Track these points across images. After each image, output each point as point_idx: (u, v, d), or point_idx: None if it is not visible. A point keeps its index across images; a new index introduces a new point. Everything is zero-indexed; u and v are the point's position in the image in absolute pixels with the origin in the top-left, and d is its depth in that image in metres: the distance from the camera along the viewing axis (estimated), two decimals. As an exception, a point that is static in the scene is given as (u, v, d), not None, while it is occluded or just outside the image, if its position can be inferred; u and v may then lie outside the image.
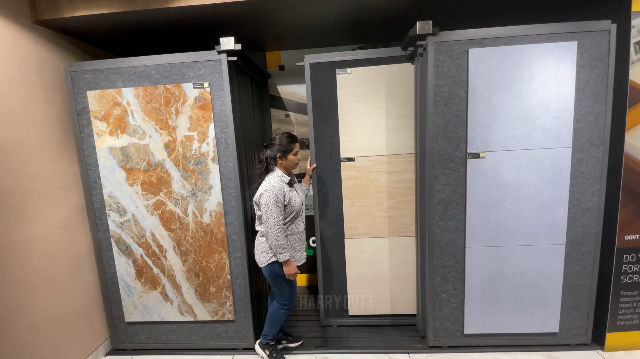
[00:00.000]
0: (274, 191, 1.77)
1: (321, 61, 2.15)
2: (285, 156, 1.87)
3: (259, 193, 1.81)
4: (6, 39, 1.71)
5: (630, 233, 1.94)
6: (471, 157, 1.91)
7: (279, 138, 1.88)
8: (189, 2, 1.81)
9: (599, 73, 1.83)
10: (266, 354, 2.10)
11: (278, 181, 1.82)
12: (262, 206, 1.79)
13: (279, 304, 2.00)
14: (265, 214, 1.77)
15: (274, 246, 1.80)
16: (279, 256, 1.82)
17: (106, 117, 2.00)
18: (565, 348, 2.07)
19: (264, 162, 1.88)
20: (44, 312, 1.83)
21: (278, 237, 1.78)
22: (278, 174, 1.86)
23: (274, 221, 1.77)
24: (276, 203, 1.76)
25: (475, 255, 2.00)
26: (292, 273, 1.86)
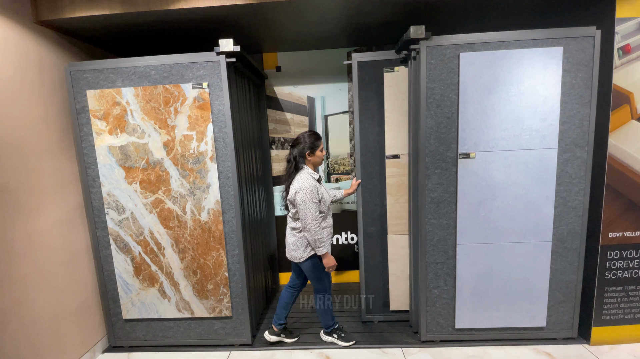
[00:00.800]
0: (309, 189, 1.86)
1: (369, 59, 2.16)
2: (313, 152, 1.97)
3: (294, 191, 1.90)
4: (7, 39, 1.74)
5: (614, 231, 2.02)
6: (462, 157, 1.97)
7: (305, 136, 1.98)
8: (189, 4, 1.86)
9: (584, 77, 1.91)
10: (335, 338, 2.22)
11: (310, 178, 1.92)
12: (298, 204, 1.88)
13: (320, 295, 2.12)
14: (304, 210, 1.87)
15: (313, 241, 1.90)
16: (317, 250, 1.92)
17: (106, 116, 2.03)
18: (552, 342, 2.15)
19: (292, 161, 1.97)
20: (43, 308, 1.86)
21: (317, 232, 1.88)
22: (308, 172, 1.96)
23: (312, 216, 1.86)
24: (312, 199, 1.87)
25: (465, 251, 2.06)
26: (332, 265, 1.98)
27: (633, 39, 1.87)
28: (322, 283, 2.10)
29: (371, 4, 1.96)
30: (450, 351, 2.12)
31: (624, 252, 2.03)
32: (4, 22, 1.72)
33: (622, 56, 1.88)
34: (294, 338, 2.29)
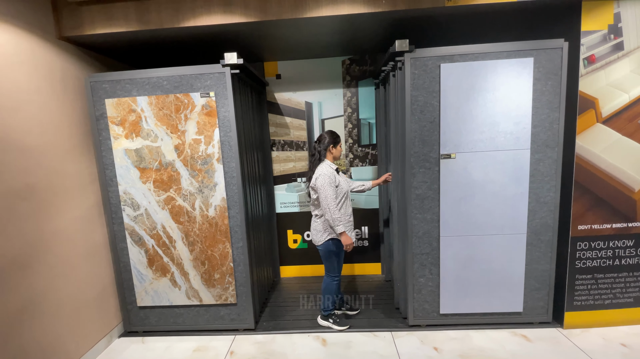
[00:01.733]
0: (328, 174, 2.17)
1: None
2: (335, 146, 2.30)
3: (315, 178, 2.20)
4: (35, 53, 1.96)
5: (582, 224, 2.22)
6: (444, 157, 2.18)
7: (328, 134, 2.31)
8: (198, 22, 2.08)
9: (553, 84, 2.12)
10: (330, 322, 2.45)
11: (328, 167, 2.23)
12: (318, 188, 2.17)
13: (329, 277, 2.37)
14: (323, 193, 2.14)
15: (332, 220, 2.15)
16: (336, 229, 2.16)
17: (122, 122, 2.25)
18: (529, 326, 2.35)
19: (317, 154, 2.27)
20: (67, 296, 2.07)
21: (335, 211, 2.14)
22: (327, 163, 2.27)
23: (330, 197, 2.13)
24: (330, 183, 2.15)
25: (448, 243, 2.27)
26: (349, 243, 2.20)
27: (597, 50, 2.08)
28: (333, 267, 2.34)
29: (362, 20, 2.17)
30: (436, 334, 2.32)
31: (592, 243, 2.23)
32: (32, 39, 1.94)
33: (588, 65, 2.09)
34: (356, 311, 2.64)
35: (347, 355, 2.16)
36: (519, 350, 2.12)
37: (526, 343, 2.19)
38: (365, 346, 2.24)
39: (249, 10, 2.06)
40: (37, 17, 1.98)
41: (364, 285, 3.19)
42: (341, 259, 2.37)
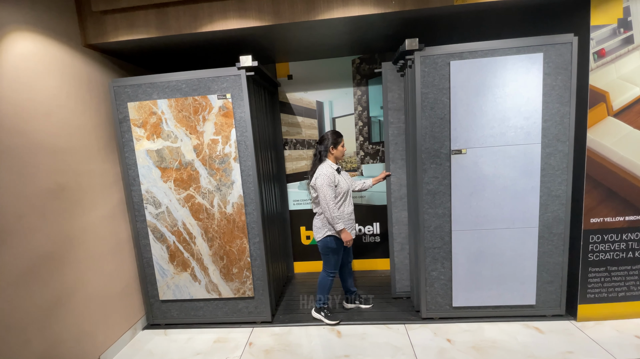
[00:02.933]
0: (327, 174, 2.23)
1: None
2: (336, 147, 2.34)
3: (315, 177, 2.28)
4: (63, 61, 2.08)
5: (595, 217, 2.23)
6: (454, 153, 2.23)
7: (329, 134, 2.35)
8: (214, 27, 2.17)
9: (563, 79, 2.14)
10: (322, 315, 2.54)
11: (328, 167, 2.29)
12: (318, 187, 2.25)
13: (325, 273, 2.45)
14: (322, 193, 2.22)
15: (331, 218, 2.23)
16: (335, 226, 2.25)
17: (144, 124, 2.36)
18: (542, 319, 2.37)
19: (318, 155, 2.35)
20: (95, 289, 2.19)
21: (333, 210, 2.22)
22: (328, 163, 2.33)
23: (329, 197, 2.21)
24: (329, 183, 2.22)
25: (460, 237, 2.31)
26: (349, 239, 2.30)
27: (607, 44, 2.09)
28: (330, 263, 2.42)
29: (372, 20, 2.23)
30: (448, 327, 2.37)
31: (605, 236, 2.24)
32: (60, 47, 2.06)
33: (598, 59, 2.10)
34: (369, 305, 2.71)
35: (361, 346, 2.22)
36: (532, 341, 2.15)
37: (539, 334, 2.22)
38: (379, 337, 2.30)
39: (263, 14, 2.15)
40: (64, 27, 2.10)
41: (374, 279, 3.26)
42: (339, 256, 2.43)
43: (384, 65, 2.51)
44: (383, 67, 2.52)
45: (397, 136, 2.57)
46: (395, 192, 2.62)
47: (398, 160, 2.59)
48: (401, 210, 2.64)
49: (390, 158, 2.59)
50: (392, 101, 2.54)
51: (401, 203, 2.64)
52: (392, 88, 2.53)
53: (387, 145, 2.59)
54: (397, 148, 2.58)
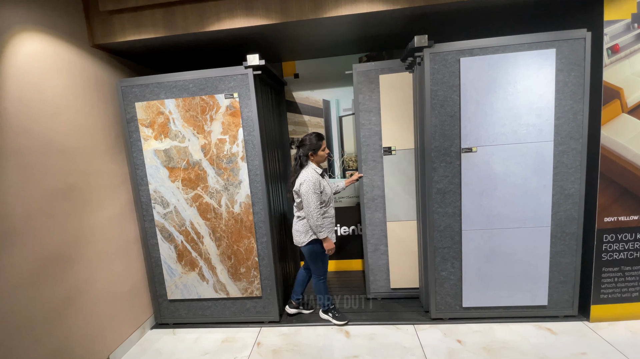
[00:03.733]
0: (312, 181, 2.16)
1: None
2: (315, 152, 2.26)
3: (299, 183, 2.20)
4: (72, 61, 2.08)
5: (608, 216, 2.19)
6: (464, 151, 2.19)
7: (309, 138, 2.27)
8: (221, 26, 2.16)
9: (577, 75, 2.10)
10: (330, 316, 2.51)
11: (313, 172, 2.21)
12: (302, 194, 2.17)
13: (316, 277, 2.42)
14: (306, 200, 2.15)
15: (315, 226, 2.18)
16: (319, 235, 2.20)
17: (151, 124, 2.36)
18: (554, 319, 2.34)
19: (298, 159, 2.27)
20: (104, 288, 2.20)
21: (318, 218, 2.16)
22: (312, 167, 2.25)
23: (314, 205, 2.15)
24: (314, 190, 2.15)
25: (470, 237, 2.28)
26: (331, 248, 2.27)
27: (621, 39, 2.04)
28: (319, 267, 2.38)
29: (380, 18, 2.20)
30: (458, 327, 2.34)
31: (619, 235, 2.20)
32: (68, 48, 2.06)
33: (611, 55, 2.06)
34: (310, 310, 2.65)
35: (370, 347, 2.20)
36: (544, 343, 2.12)
37: (551, 336, 2.19)
38: (389, 338, 2.28)
39: (270, 13, 2.13)
40: (72, 27, 2.10)
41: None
42: (326, 259, 2.40)
43: (354, 67, 2.49)
44: (354, 68, 2.49)
45: (369, 137, 2.55)
46: (367, 193, 2.61)
47: (370, 162, 2.57)
48: (374, 211, 2.62)
49: (362, 159, 2.57)
50: (363, 102, 2.52)
51: (374, 204, 2.62)
52: (362, 89, 2.50)
53: (358, 147, 2.56)
54: (368, 149, 2.56)
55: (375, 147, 2.55)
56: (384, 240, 2.66)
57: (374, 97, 2.50)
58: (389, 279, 2.71)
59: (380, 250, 2.68)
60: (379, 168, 2.57)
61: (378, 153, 2.55)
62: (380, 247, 2.67)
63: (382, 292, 2.75)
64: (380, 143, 2.54)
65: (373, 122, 2.53)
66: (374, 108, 2.51)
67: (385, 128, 2.51)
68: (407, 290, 2.73)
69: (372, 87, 2.49)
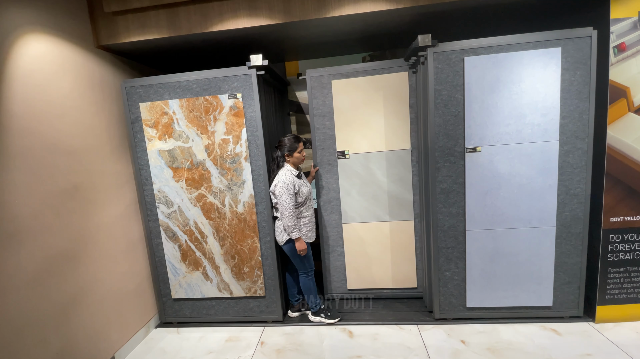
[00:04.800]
0: (286, 183, 2.19)
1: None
2: (291, 154, 2.29)
3: (274, 184, 2.24)
4: (77, 62, 2.10)
5: (615, 216, 2.17)
6: (469, 151, 2.18)
7: (286, 139, 2.30)
8: (225, 26, 2.16)
9: (582, 74, 2.07)
10: (322, 317, 2.51)
11: (288, 174, 2.24)
12: (277, 195, 2.22)
13: (304, 275, 2.42)
14: (280, 200, 2.20)
15: (288, 227, 2.22)
16: (291, 234, 2.24)
17: (155, 124, 2.37)
18: (559, 320, 2.32)
19: (275, 159, 2.32)
20: (110, 287, 2.21)
21: (290, 219, 2.20)
22: (288, 169, 2.28)
23: (286, 206, 2.19)
24: (287, 191, 2.19)
25: (474, 237, 2.27)
26: (302, 249, 2.29)
27: (627, 38, 2.02)
28: (303, 264, 2.40)
29: (383, 17, 2.20)
30: (462, 328, 2.33)
31: (625, 236, 2.18)
32: (73, 49, 2.08)
33: (618, 54, 2.04)
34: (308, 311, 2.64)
35: (373, 347, 2.20)
36: (549, 344, 2.11)
37: (556, 337, 2.17)
38: (392, 338, 2.27)
39: (274, 13, 2.13)
40: (77, 28, 2.11)
41: None
42: (309, 256, 2.42)
43: (308, 72, 2.50)
44: (307, 73, 2.51)
45: (324, 141, 2.57)
46: (324, 196, 2.63)
47: (325, 165, 2.59)
48: (330, 213, 2.65)
49: (318, 162, 2.60)
50: (317, 107, 2.54)
51: (330, 206, 2.64)
52: (315, 94, 2.53)
53: (314, 150, 2.59)
54: (323, 153, 2.58)
55: (330, 151, 2.58)
56: (341, 241, 2.68)
57: (327, 102, 2.52)
58: (346, 280, 2.75)
59: (337, 251, 2.70)
60: (334, 171, 2.59)
61: (333, 156, 2.58)
62: (336, 249, 2.70)
63: (339, 293, 2.79)
64: (334, 147, 2.57)
65: (327, 126, 2.56)
66: (327, 112, 2.53)
67: (338, 132, 2.53)
68: (363, 291, 2.76)
69: (324, 92, 2.52)
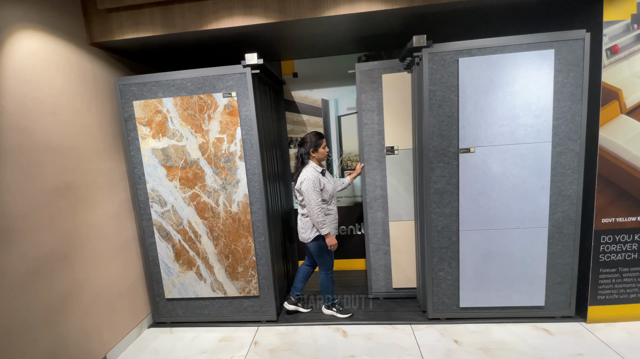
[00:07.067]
0: (312, 179, 2.22)
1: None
2: (316, 150, 2.31)
3: (300, 181, 2.26)
4: (69, 60, 2.07)
5: (606, 217, 2.19)
6: (462, 151, 2.19)
7: (309, 136, 2.32)
8: (220, 25, 2.15)
9: (575, 76, 2.09)
10: (334, 311, 2.56)
11: (313, 171, 2.27)
12: (303, 192, 2.23)
13: (323, 272, 2.47)
14: (307, 197, 2.22)
15: (316, 223, 2.24)
16: (321, 231, 2.26)
17: (149, 123, 2.35)
18: (551, 320, 2.34)
19: (299, 157, 2.33)
20: (101, 287, 2.19)
21: (318, 215, 2.22)
22: (312, 166, 2.31)
23: (314, 202, 2.21)
24: (314, 188, 2.21)
25: (468, 237, 2.28)
26: (333, 244, 2.32)
27: (620, 40, 2.04)
28: (325, 262, 2.43)
29: (379, 17, 2.20)
30: (455, 328, 2.34)
31: (616, 236, 2.20)
32: (66, 46, 2.06)
33: (610, 56, 2.05)
34: (308, 309, 2.67)
35: (367, 346, 2.20)
36: (541, 343, 2.12)
37: (548, 336, 2.19)
38: (386, 338, 2.28)
39: (269, 12, 2.12)
40: (70, 25, 2.09)
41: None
42: (332, 255, 2.46)
43: (357, 66, 2.49)
44: (356, 67, 2.49)
45: (371, 137, 2.55)
46: (370, 193, 2.62)
47: (373, 161, 2.57)
48: (376, 210, 2.63)
49: (365, 158, 2.57)
50: (366, 102, 2.52)
51: (376, 204, 2.62)
52: (365, 89, 2.51)
53: (360, 147, 2.57)
54: (371, 149, 2.56)
55: (378, 147, 2.55)
56: (387, 239, 2.66)
57: (376, 97, 2.50)
58: (391, 279, 2.71)
59: (382, 249, 2.68)
60: (382, 168, 2.57)
61: (381, 152, 2.55)
62: (382, 247, 2.67)
63: (383, 292, 2.75)
64: (382, 142, 2.54)
65: (375, 121, 2.53)
66: (376, 107, 2.51)
67: (388, 127, 2.51)
68: (408, 290, 2.73)
69: (374, 86, 2.49)
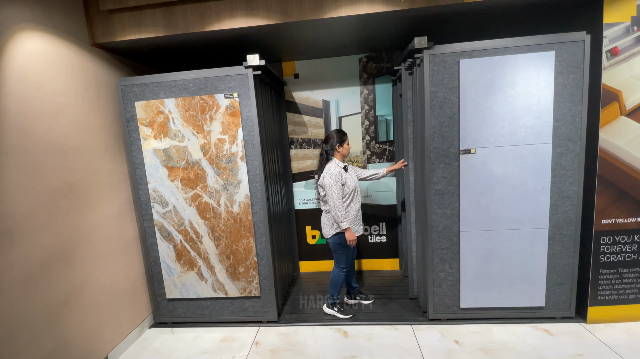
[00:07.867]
0: (334, 174, 2.27)
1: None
2: (342, 145, 2.38)
3: (322, 176, 2.31)
4: (72, 60, 2.08)
5: (606, 218, 2.20)
6: (463, 152, 2.20)
7: (334, 133, 2.38)
8: (222, 26, 2.16)
9: (575, 78, 2.10)
10: (335, 311, 2.58)
11: (335, 166, 2.33)
12: (325, 186, 2.29)
13: (338, 269, 2.48)
14: (330, 191, 2.26)
15: (337, 217, 2.27)
16: (341, 225, 2.28)
17: (151, 124, 2.36)
18: (551, 321, 2.34)
19: (324, 154, 2.37)
20: (103, 287, 2.20)
21: (339, 209, 2.26)
22: (335, 162, 2.37)
23: (336, 195, 2.25)
24: (336, 182, 2.26)
25: (468, 238, 2.29)
26: (352, 239, 2.33)
27: (620, 42, 2.05)
28: (342, 259, 2.45)
29: (380, 18, 2.21)
30: (456, 328, 2.35)
31: (616, 237, 2.21)
32: (68, 47, 2.06)
33: (610, 58, 2.06)
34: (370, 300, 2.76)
35: (368, 347, 2.21)
36: (541, 344, 2.13)
37: (548, 337, 2.19)
38: (386, 338, 2.29)
39: (271, 13, 2.13)
40: (72, 26, 2.10)
41: (382, 279, 3.24)
42: (350, 252, 2.48)
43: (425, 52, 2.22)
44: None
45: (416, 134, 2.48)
46: (413, 192, 2.59)
47: (417, 159, 2.49)
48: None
49: (410, 157, 2.54)
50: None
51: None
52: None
53: (406, 144, 2.55)
54: (416, 146, 2.48)
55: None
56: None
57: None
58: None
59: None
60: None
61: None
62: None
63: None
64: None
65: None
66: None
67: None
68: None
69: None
